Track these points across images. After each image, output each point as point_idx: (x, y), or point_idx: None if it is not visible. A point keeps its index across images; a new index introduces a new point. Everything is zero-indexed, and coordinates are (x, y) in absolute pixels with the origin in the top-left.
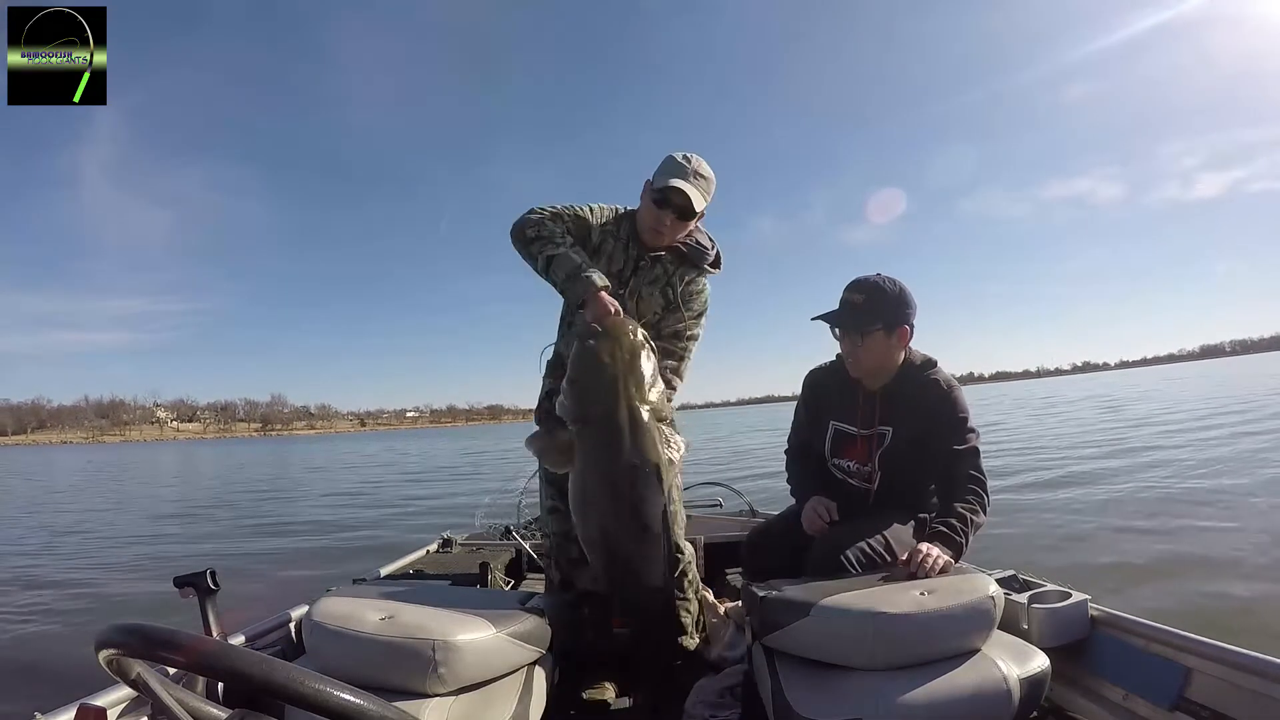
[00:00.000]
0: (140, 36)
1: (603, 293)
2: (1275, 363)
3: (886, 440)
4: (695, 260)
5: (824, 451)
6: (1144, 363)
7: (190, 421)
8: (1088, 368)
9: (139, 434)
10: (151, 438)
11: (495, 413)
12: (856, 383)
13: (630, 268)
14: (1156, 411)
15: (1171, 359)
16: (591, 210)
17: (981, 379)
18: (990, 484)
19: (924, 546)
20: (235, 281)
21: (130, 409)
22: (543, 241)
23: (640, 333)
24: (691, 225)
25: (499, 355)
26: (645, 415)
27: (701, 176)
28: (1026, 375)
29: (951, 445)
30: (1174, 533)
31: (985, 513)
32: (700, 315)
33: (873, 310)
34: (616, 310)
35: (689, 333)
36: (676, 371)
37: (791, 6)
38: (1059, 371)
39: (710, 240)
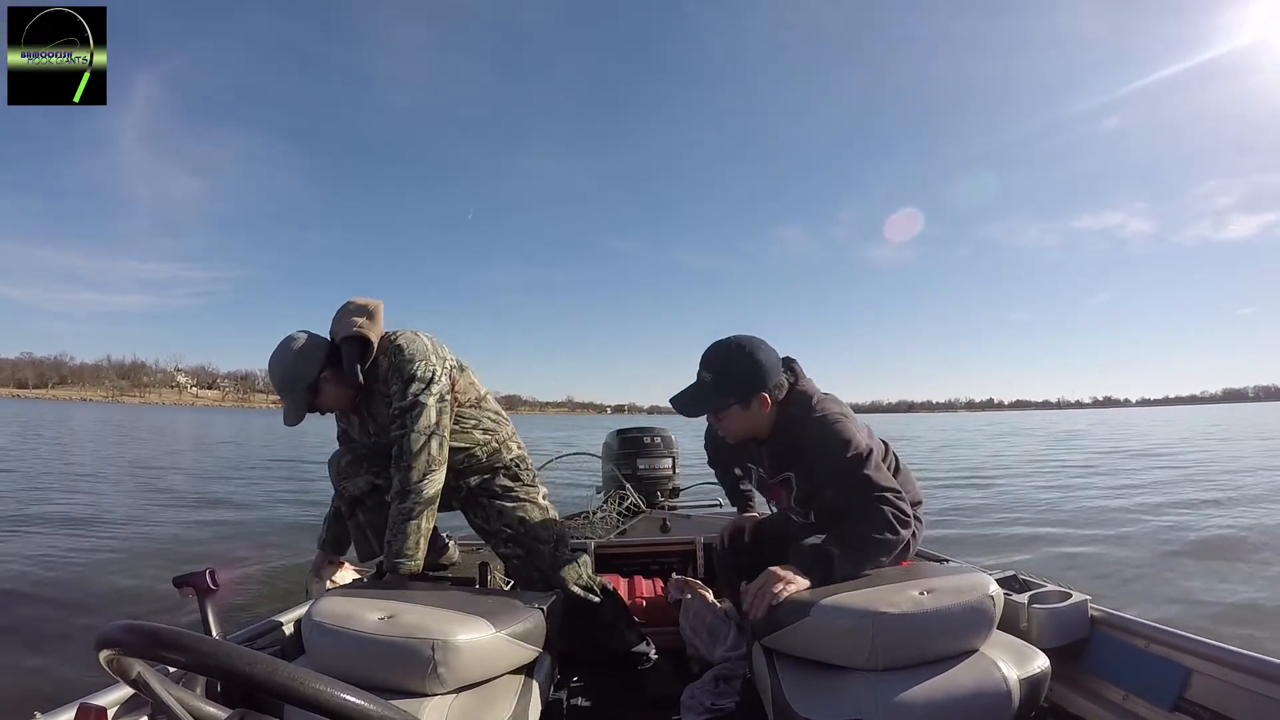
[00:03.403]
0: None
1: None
2: None
3: (794, 485)
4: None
5: (752, 487)
6: (1165, 402)
7: (210, 389)
8: (1109, 402)
9: (158, 397)
10: (170, 401)
11: (511, 403)
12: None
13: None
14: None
15: (1194, 400)
16: None
17: (1001, 406)
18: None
19: (776, 575)
20: (262, 253)
21: (151, 372)
22: None
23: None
24: (348, 373)
25: (519, 346)
26: None
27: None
28: (1046, 406)
29: (843, 479)
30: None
31: (896, 530)
32: (398, 385)
33: (723, 388)
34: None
35: (396, 408)
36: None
37: (839, 20)
38: (1079, 404)
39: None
